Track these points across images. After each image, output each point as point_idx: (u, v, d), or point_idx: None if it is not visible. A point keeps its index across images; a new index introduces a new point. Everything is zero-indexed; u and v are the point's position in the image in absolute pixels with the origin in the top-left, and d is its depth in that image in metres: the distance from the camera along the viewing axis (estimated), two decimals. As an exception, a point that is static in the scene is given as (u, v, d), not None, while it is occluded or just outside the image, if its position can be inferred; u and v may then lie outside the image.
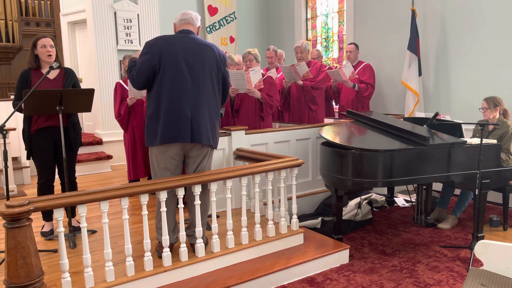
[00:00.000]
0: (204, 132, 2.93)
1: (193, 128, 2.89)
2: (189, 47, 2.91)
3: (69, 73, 3.63)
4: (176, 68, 2.86)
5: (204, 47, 2.97)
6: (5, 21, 9.02)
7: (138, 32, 6.65)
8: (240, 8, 8.10)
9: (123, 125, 4.73)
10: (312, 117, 5.29)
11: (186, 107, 2.88)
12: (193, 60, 2.90)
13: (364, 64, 5.85)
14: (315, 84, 5.17)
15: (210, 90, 2.97)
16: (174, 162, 2.99)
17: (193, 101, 2.89)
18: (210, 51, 2.98)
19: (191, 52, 2.90)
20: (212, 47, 3.02)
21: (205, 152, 3.05)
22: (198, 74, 2.91)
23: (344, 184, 3.59)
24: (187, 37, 2.97)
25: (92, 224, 3.78)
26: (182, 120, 2.87)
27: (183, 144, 2.93)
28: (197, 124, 2.90)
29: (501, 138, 4.02)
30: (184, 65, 2.88)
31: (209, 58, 2.95)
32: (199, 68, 2.91)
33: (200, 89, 2.92)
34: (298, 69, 5.06)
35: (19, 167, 5.57)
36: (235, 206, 4.18)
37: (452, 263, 3.43)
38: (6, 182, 3.24)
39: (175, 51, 2.87)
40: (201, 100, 2.92)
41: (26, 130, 3.48)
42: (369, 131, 4.05)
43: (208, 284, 2.87)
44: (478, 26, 5.05)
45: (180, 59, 2.87)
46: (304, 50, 5.24)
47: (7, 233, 2.20)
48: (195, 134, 2.90)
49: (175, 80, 2.87)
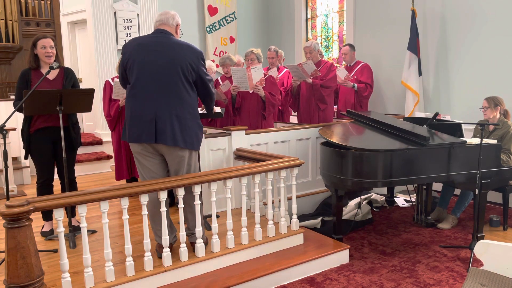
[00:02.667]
0: (169, 133, 2.86)
1: (157, 129, 2.85)
2: (159, 47, 2.90)
3: (69, 73, 3.63)
4: (141, 68, 2.88)
5: (176, 47, 2.92)
6: (5, 21, 9.02)
7: (138, 32, 6.65)
8: (240, 8, 8.09)
9: (111, 125, 4.69)
10: (321, 117, 5.24)
11: (150, 107, 2.86)
12: (161, 61, 2.87)
13: (362, 64, 5.85)
14: (324, 83, 5.10)
15: (181, 90, 2.91)
16: (154, 161, 2.99)
17: (158, 101, 2.87)
18: (182, 50, 2.92)
19: (160, 52, 2.88)
20: (185, 46, 2.96)
21: (180, 157, 2.96)
22: (166, 74, 2.87)
23: (344, 184, 3.59)
24: (160, 36, 2.96)
25: (92, 224, 3.78)
26: (145, 120, 2.86)
27: (155, 144, 2.91)
28: (162, 124, 2.86)
29: (502, 138, 4.02)
30: (149, 66, 2.87)
31: (180, 58, 2.89)
32: (167, 68, 2.88)
33: (167, 88, 2.88)
34: (306, 68, 5.03)
35: (19, 167, 5.57)
36: (235, 206, 4.18)
37: (452, 263, 3.43)
38: (6, 182, 3.24)
39: (143, 52, 2.89)
40: (167, 100, 2.87)
41: (25, 130, 3.48)
42: (369, 131, 4.05)
43: (208, 284, 2.87)
44: (478, 26, 5.05)
45: (147, 59, 2.87)
46: (313, 50, 5.17)
47: (7, 233, 2.21)
48: (159, 134, 2.86)
49: (140, 81, 2.88)
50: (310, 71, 5.04)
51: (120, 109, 4.54)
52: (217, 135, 4.07)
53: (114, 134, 4.73)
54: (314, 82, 5.11)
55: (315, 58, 5.20)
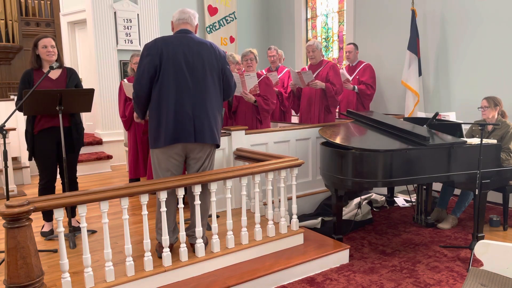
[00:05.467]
0: (207, 131, 2.93)
1: (196, 128, 2.90)
2: (188, 46, 2.92)
3: (72, 73, 3.64)
4: (176, 68, 2.87)
5: (202, 45, 2.98)
6: (5, 21, 9.02)
7: (138, 32, 6.65)
8: (240, 8, 8.09)
9: (126, 125, 4.75)
10: (323, 119, 5.21)
11: (188, 106, 2.88)
12: (193, 59, 2.91)
13: (364, 64, 5.84)
14: (338, 89, 5.06)
15: (211, 88, 2.97)
16: (175, 162, 2.99)
17: (194, 100, 2.90)
18: (208, 49, 2.98)
19: (190, 51, 2.91)
20: (210, 45, 3.02)
21: (207, 152, 3.05)
22: (198, 73, 2.92)
23: (344, 184, 3.59)
24: (186, 37, 2.97)
25: (92, 224, 3.78)
26: (184, 120, 2.87)
27: (184, 144, 2.93)
28: (200, 123, 2.91)
29: (502, 138, 4.01)
30: (184, 65, 2.89)
31: (208, 56, 2.95)
32: (199, 66, 2.92)
33: (201, 87, 2.92)
34: (304, 77, 5.04)
35: (19, 167, 5.57)
36: (235, 206, 4.18)
37: (452, 263, 3.43)
38: (6, 182, 3.24)
39: (174, 51, 2.88)
40: (203, 98, 2.93)
41: (29, 131, 3.46)
42: (369, 131, 4.05)
43: (208, 284, 2.87)
44: (478, 26, 5.05)
45: (180, 58, 2.88)
46: (316, 49, 5.13)
47: (7, 233, 2.20)
48: (198, 133, 2.90)
49: (176, 80, 2.87)
50: (308, 81, 5.04)
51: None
52: (217, 135, 4.07)
53: (129, 133, 4.80)
54: (328, 88, 5.02)
55: (317, 57, 5.18)
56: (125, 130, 4.88)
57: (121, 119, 4.80)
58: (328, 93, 5.05)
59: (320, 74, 5.14)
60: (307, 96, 5.29)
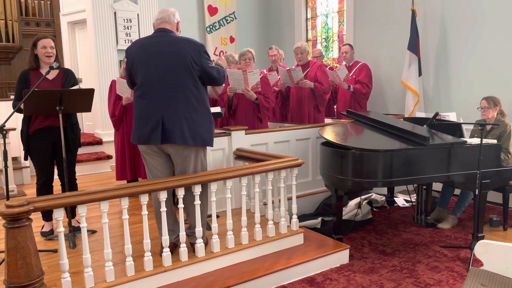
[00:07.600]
0: (178, 132, 2.86)
1: (165, 129, 2.85)
2: (162, 46, 2.90)
3: (69, 74, 3.63)
4: (145, 70, 2.89)
5: (179, 43, 2.92)
6: (5, 21, 9.02)
7: (138, 32, 6.65)
8: (240, 8, 8.09)
9: (116, 125, 4.68)
10: (312, 117, 5.27)
11: (157, 107, 2.87)
12: (167, 59, 2.88)
13: (360, 64, 5.86)
14: (326, 89, 5.21)
15: (187, 87, 2.90)
16: (159, 161, 3.00)
17: (164, 102, 2.87)
18: (185, 46, 2.91)
19: (164, 51, 2.89)
20: (186, 41, 2.94)
21: (186, 154, 2.95)
22: (171, 74, 2.87)
23: (344, 184, 3.59)
24: (162, 36, 2.97)
25: (92, 224, 3.78)
26: (151, 122, 2.87)
27: (159, 145, 2.92)
28: (169, 126, 2.85)
29: (499, 138, 4.02)
30: (154, 67, 2.88)
31: (184, 54, 2.88)
32: (172, 67, 2.88)
33: (174, 87, 2.88)
34: (293, 74, 5.08)
35: (19, 167, 5.57)
36: (235, 206, 4.18)
37: (452, 263, 3.43)
38: (6, 182, 3.24)
39: (146, 53, 2.90)
40: (175, 101, 2.87)
41: (24, 131, 3.47)
42: (369, 131, 4.05)
43: (208, 284, 2.87)
44: (479, 26, 5.05)
45: (150, 60, 2.88)
46: (304, 51, 5.29)
47: (7, 233, 2.20)
48: (166, 134, 2.86)
49: (145, 83, 2.90)
50: (297, 79, 5.09)
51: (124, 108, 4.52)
52: (217, 135, 4.06)
53: (117, 134, 4.70)
54: (317, 88, 5.14)
55: (305, 59, 5.34)
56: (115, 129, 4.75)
57: (110, 119, 4.69)
58: (316, 92, 5.19)
59: (308, 74, 5.25)
60: (296, 96, 5.37)
